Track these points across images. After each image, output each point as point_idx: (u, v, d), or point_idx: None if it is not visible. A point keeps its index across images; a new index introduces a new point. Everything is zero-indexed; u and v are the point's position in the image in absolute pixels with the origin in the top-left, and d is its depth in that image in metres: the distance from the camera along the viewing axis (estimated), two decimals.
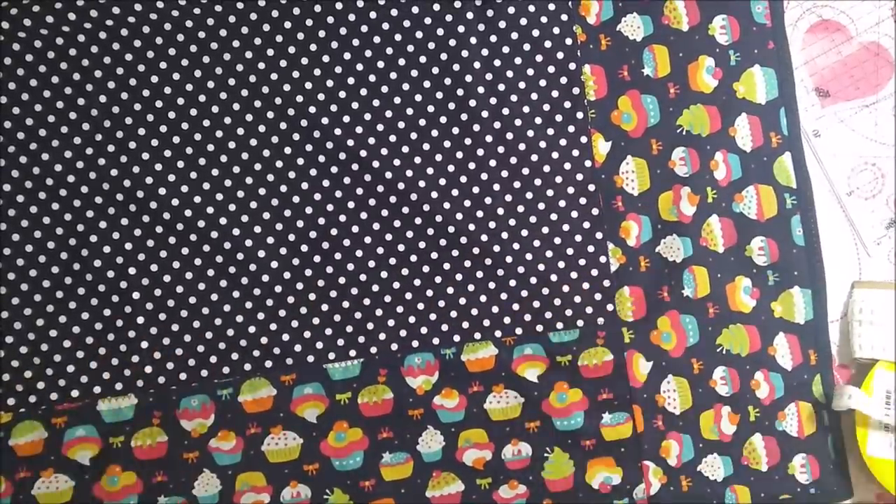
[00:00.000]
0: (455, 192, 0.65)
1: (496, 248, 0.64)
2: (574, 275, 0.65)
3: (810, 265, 0.66)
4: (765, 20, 0.66)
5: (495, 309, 0.65)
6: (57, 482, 0.62)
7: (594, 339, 0.65)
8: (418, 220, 0.64)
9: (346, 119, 0.64)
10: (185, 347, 0.63)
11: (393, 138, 0.64)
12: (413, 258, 0.64)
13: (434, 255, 0.65)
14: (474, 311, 0.65)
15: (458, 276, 0.65)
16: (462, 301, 0.65)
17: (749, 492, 0.65)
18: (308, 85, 0.64)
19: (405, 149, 0.64)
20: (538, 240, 0.65)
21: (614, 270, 0.65)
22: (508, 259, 0.64)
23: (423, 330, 0.64)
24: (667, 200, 0.66)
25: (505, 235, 0.65)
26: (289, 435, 0.63)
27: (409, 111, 0.64)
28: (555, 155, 0.65)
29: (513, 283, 0.65)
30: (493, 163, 0.65)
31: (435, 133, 0.65)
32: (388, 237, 0.64)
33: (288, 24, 0.63)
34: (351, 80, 0.64)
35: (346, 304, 0.64)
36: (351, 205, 0.64)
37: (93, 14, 0.62)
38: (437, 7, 0.64)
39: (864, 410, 0.62)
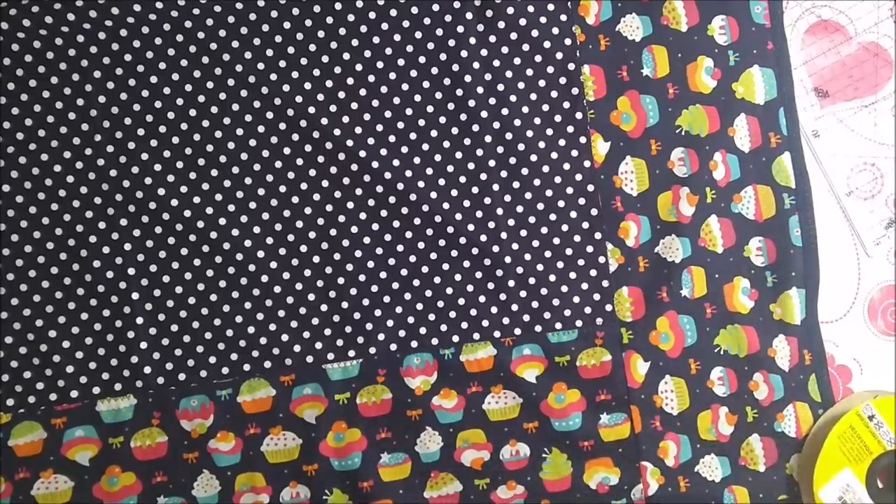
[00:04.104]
0: (454, 193, 0.65)
1: (495, 249, 0.64)
2: (573, 275, 0.65)
3: (806, 266, 0.66)
4: (764, 20, 0.66)
5: (494, 309, 0.65)
6: (56, 483, 0.62)
7: (593, 339, 0.65)
8: (417, 221, 0.64)
9: (346, 119, 0.64)
10: (185, 348, 0.63)
11: (392, 138, 0.64)
12: (412, 258, 0.64)
13: (433, 256, 0.65)
14: (473, 312, 0.65)
15: (457, 277, 0.65)
16: (461, 301, 0.65)
17: (747, 492, 0.65)
18: (307, 85, 0.64)
19: (404, 149, 0.64)
20: (537, 240, 0.65)
21: (613, 271, 0.65)
22: (507, 259, 0.64)
23: (422, 330, 0.64)
24: (666, 201, 0.66)
25: (504, 236, 0.65)
26: (288, 435, 0.64)
27: (409, 111, 0.64)
28: (554, 155, 0.65)
29: (511, 283, 0.65)
30: (492, 163, 0.65)
31: (434, 133, 0.65)
32: (387, 237, 0.64)
33: (287, 25, 0.63)
34: (350, 81, 0.64)
35: (344, 305, 0.64)
36: (350, 205, 0.64)
37: (92, 14, 0.62)
38: (436, 7, 0.64)
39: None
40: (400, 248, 0.64)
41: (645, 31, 0.65)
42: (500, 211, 0.65)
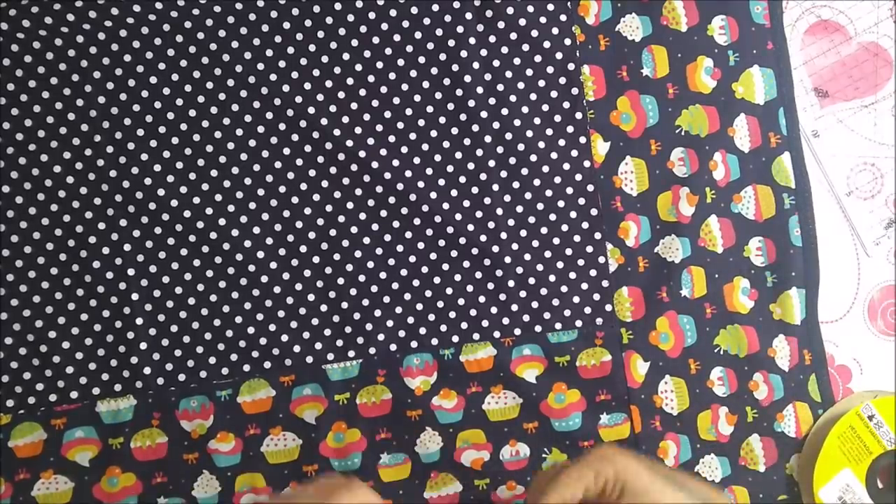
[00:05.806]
0: (454, 193, 0.65)
1: (495, 249, 0.64)
2: (573, 275, 0.65)
3: (806, 266, 0.66)
4: (764, 20, 0.66)
5: (494, 309, 0.65)
6: (56, 483, 0.62)
7: (593, 339, 0.65)
8: (417, 221, 0.64)
9: (345, 120, 0.64)
10: (184, 348, 0.63)
11: (392, 139, 0.64)
12: (412, 259, 0.64)
13: (433, 256, 0.65)
14: (473, 312, 0.65)
15: (457, 277, 0.65)
16: (461, 302, 0.65)
17: (747, 492, 0.65)
18: (307, 86, 0.63)
19: (404, 149, 0.64)
20: (537, 240, 0.65)
21: (613, 271, 0.65)
22: (507, 259, 0.64)
23: (422, 330, 0.64)
24: (666, 201, 0.66)
25: (504, 236, 0.65)
26: (288, 436, 0.64)
27: (408, 111, 0.64)
28: (554, 155, 0.65)
29: (511, 283, 0.65)
30: (491, 163, 0.65)
31: (434, 133, 0.65)
32: (387, 238, 0.64)
33: (287, 25, 0.63)
34: (350, 81, 0.64)
35: (344, 305, 0.64)
36: (350, 205, 0.64)
37: (91, 15, 0.62)
38: (435, 7, 0.64)
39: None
40: (400, 248, 0.64)
41: (645, 31, 0.65)
42: (499, 211, 0.65)
